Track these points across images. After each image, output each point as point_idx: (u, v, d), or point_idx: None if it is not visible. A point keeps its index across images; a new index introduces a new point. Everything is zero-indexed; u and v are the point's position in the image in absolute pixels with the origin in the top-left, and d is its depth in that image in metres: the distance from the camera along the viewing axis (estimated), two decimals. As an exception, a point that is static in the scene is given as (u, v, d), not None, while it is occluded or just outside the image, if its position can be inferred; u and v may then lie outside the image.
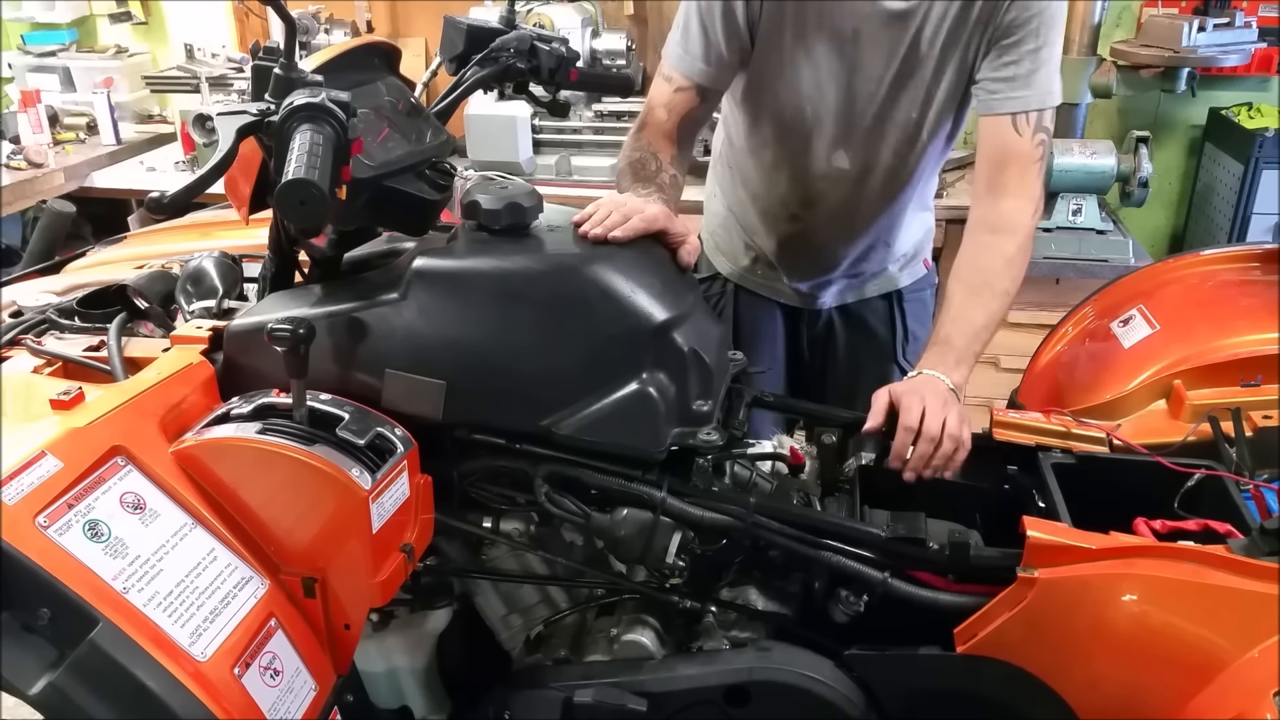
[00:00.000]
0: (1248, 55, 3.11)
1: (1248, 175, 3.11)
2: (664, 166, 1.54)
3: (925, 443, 1.29)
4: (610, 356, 1.20)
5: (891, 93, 1.57)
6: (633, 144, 1.59)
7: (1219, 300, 1.63)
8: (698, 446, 1.23)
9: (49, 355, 1.26)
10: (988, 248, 1.49)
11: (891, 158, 1.65)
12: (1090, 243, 2.84)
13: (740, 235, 1.88)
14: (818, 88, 1.58)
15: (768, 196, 1.78)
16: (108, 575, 0.94)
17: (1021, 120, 1.49)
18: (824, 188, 1.70)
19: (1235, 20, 3.08)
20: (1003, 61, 1.49)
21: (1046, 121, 1.51)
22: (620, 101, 3.22)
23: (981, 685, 1.20)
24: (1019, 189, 1.50)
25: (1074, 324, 1.73)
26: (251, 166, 1.18)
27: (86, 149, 3.43)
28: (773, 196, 1.77)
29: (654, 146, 1.57)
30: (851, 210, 1.72)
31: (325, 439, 1.08)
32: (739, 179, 1.83)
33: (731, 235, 1.90)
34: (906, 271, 1.90)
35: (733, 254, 1.92)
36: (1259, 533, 1.11)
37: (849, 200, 1.70)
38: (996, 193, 1.51)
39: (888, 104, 1.58)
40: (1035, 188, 1.51)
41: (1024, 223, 1.49)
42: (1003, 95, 1.50)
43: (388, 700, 1.41)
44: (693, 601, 1.29)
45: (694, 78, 1.59)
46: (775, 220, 1.80)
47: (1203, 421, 1.37)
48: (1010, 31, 1.48)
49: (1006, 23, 1.48)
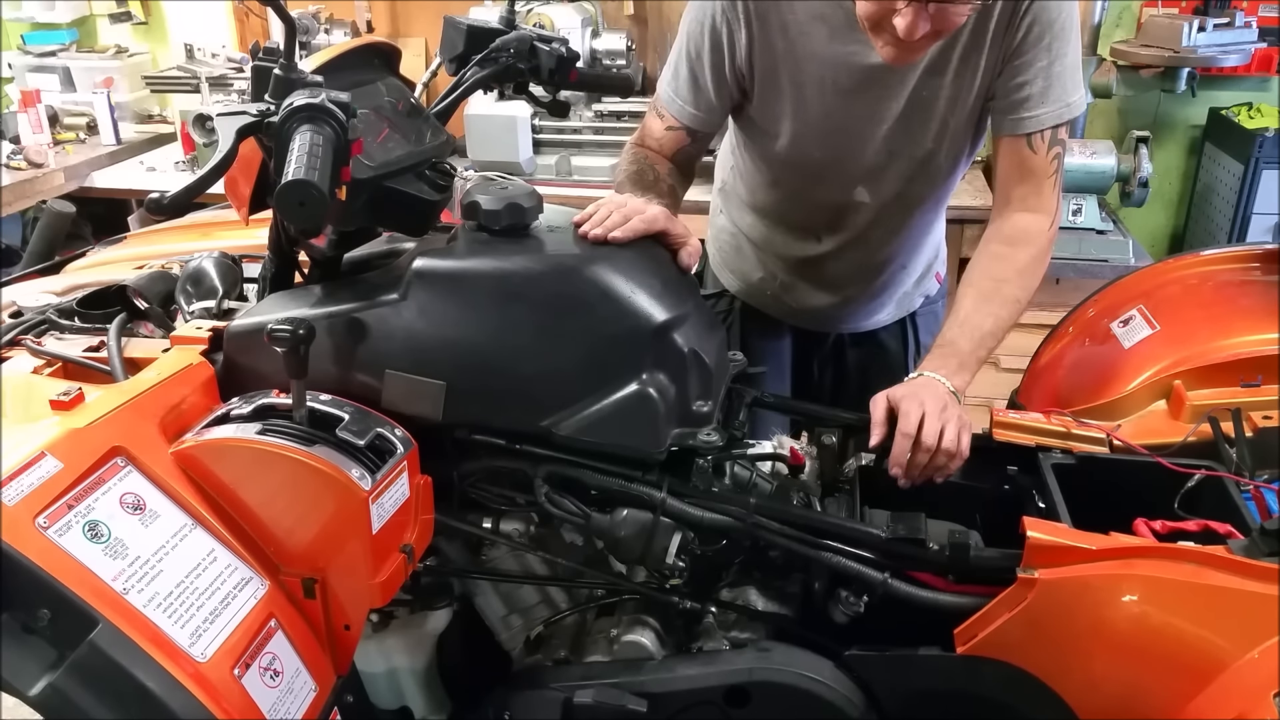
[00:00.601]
0: (1248, 55, 3.11)
1: (1248, 175, 3.11)
2: (662, 176, 1.53)
3: (921, 452, 1.28)
4: (610, 357, 1.20)
5: (903, 129, 1.52)
6: (630, 155, 1.58)
7: (1219, 300, 1.63)
8: (698, 447, 1.23)
9: (49, 356, 1.26)
10: (1001, 258, 1.47)
11: (909, 188, 1.61)
12: (1090, 243, 2.84)
13: (752, 253, 1.83)
14: (823, 135, 1.54)
15: (779, 223, 1.75)
16: (108, 576, 0.94)
17: (1037, 139, 1.46)
18: (845, 215, 1.66)
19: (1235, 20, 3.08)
20: (1016, 83, 1.45)
21: (1062, 134, 1.48)
22: (620, 101, 3.22)
23: (981, 686, 1.20)
24: (1035, 203, 1.48)
25: (1074, 324, 1.73)
26: (251, 167, 1.18)
27: (86, 149, 3.43)
28: (785, 223, 1.74)
29: (651, 159, 1.57)
30: (871, 235, 1.68)
31: (325, 439, 1.08)
32: (748, 202, 1.78)
33: (740, 252, 1.85)
34: (919, 290, 1.87)
35: (742, 272, 1.87)
36: (1259, 533, 1.11)
37: (870, 227, 1.66)
38: (1013, 207, 1.50)
39: (900, 141, 1.54)
40: (1051, 201, 1.49)
41: (1039, 235, 1.48)
42: (1017, 116, 1.46)
43: (388, 701, 1.41)
44: (693, 602, 1.29)
45: (684, 120, 1.58)
46: (789, 244, 1.76)
47: (1203, 422, 1.37)
48: (1021, 51, 1.43)
49: (1018, 43, 1.43)
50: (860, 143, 1.55)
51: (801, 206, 1.69)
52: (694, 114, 1.57)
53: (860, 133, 1.54)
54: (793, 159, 1.60)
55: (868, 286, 1.79)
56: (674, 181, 1.56)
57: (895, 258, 1.75)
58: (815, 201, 1.66)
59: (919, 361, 1.63)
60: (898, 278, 1.80)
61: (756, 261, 1.83)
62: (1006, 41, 1.43)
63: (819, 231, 1.71)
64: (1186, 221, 3.55)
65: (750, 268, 1.85)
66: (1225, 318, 1.55)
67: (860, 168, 1.58)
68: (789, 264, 1.78)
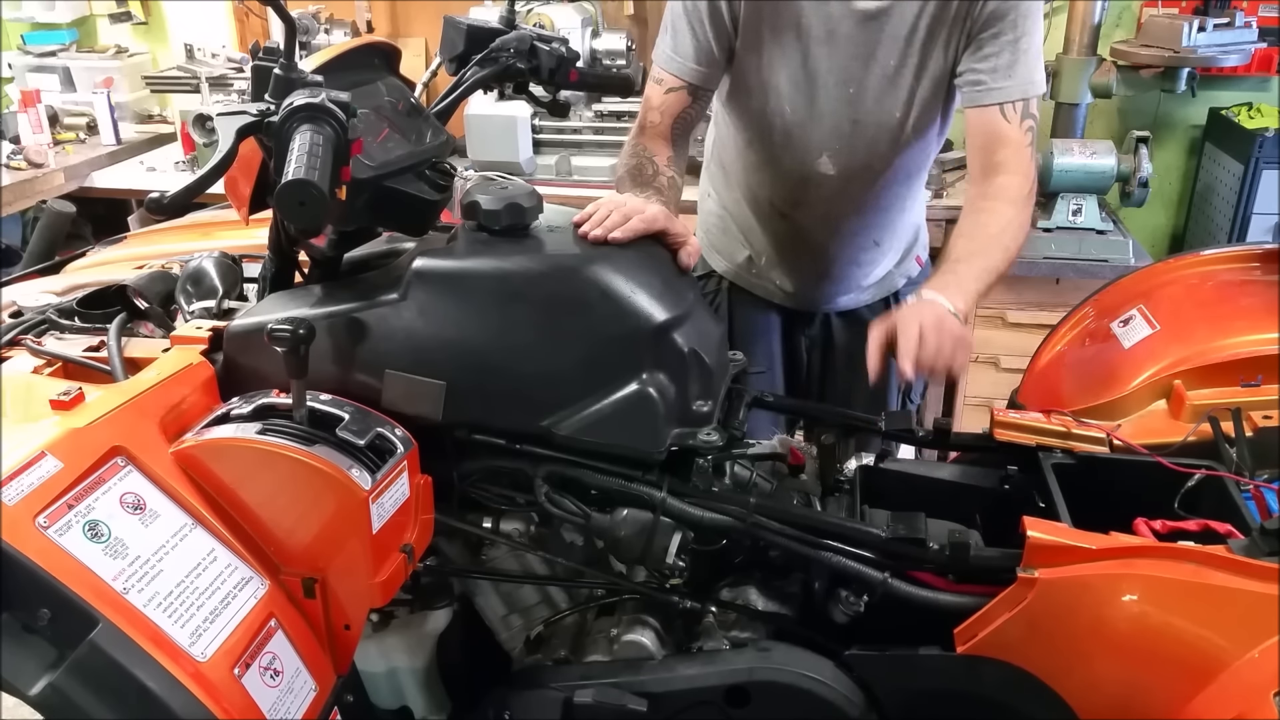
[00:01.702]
0: (1248, 55, 3.10)
1: (1248, 175, 3.11)
2: (660, 170, 1.55)
3: (928, 349, 1.28)
4: (610, 357, 1.20)
5: (871, 94, 1.58)
6: (630, 150, 1.61)
7: (1219, 300, 1.63)
8: (698, 447, 1.22)
9: (49, 355, 1.26)
10: (985, 212, 1.51)
11: (876, 158, 1.65)
12: (1090, 243, 2.84)
13: (735, 233, 1.89)
14: (794, 88, 1.60)
15: (757, 196, 1.79)
16: (108, 575, 0.94)
17: (1009, 109, 1.52)
18: (810, 188, 1.70)
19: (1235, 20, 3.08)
20: (983, 54, 1.52)
21: (1033, 109, 1.54)
22: (620, 101, 3.21)
23: (981, 685, 1.20)
24: (1014, 166, 1.52)
25: (1074, 324, 1.73)
26: (251, 167, 1.18)
27: (86, 149, 3.43)
28: (761, 196, 1.78)
29: (650, 150, 1.59)
30: (840, 210, 1.73)
31: (325, 439, 1.08)
32: (730, 177, 1.83)
33: (727, 233, 1.90)
34: (900, 271, 1.90)
35: (728, 252, 1.92)
36: (1259, 533, 1.11)
37: (836, 200, 1.71)
38: (990, 173, 1.53)
39: (867, 105, 1.59)
40: (1029, 166, 1.54)
41: (1020, 195, 1.51)
42: (986, 87, 1.52)
43: (388, 700, 1.41)
44: (693, 602, 1.29)
45: (684, 77, 1.61)
46: (766, 219, 1.81)
47: (1203, 422, 1.37)
48: (988, 24, 1.51)
49: (985, 16, 1.51)
50: (825, 101, 1.59)
51: (771, 177, 1.73)
52: (694, 68, 1.61)
53: (826, 88, 1.59)
54: (764, 117, 1.64)
55: (844, 263, 1.82)
56: (673, 172, 1.58)
57: (867, 232, 1.78)
58: (783, 169, 1.70)
59: None
60: (872, 255, 1.83)
61: (741, 240, 1.88)
62: (973, 15, 1.51)
63: (789, 204, 1.74)
64: (1186, 221, 3.55)
65: (735, 247, 1.90)
66: (1225, 318, 1.55)
67: (825, 130, 1.62)
68: (767, 241, 1.83)
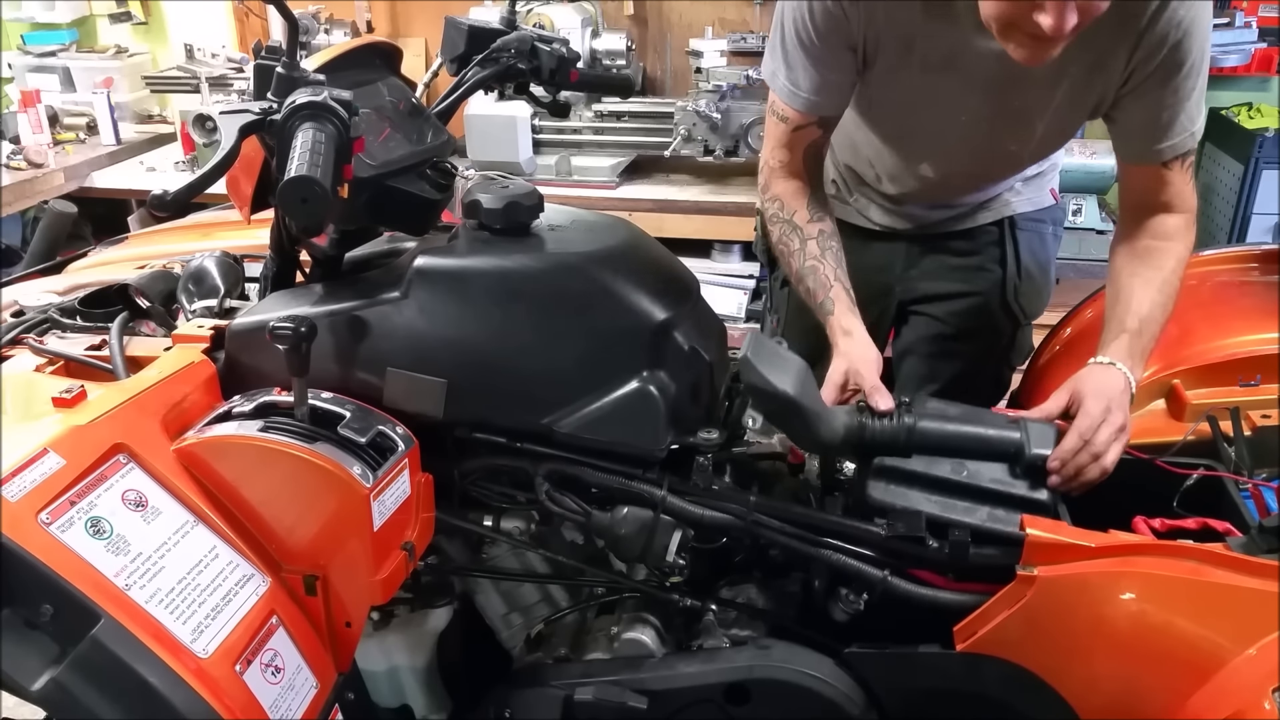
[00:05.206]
0: (1248, 55, 3.11)
1: (1248, 175, 3.11)
2: (808, 233, 1.46)
3: (1086, 455, 1.22)
4: (611, 355, 1.20)
5: (988, 128, 1.46)
6: (769, 213, 1.51)
7: (1219, 300, 1.63)
8: (698, 445, 1.23)
9: (51, 354, 1.26)
10: (1159, 251, 1.40)
11: (991, 174, 1.60)
12: (1090, 243, 2.85)
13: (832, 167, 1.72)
14: (911, 113, 1.49)
15: (858, 160, 1.69)
16: (110, 572, 0.94)
17: (1176, 164, 1.39)
18: (924, 183, 1.61)
19: (1235, 20, 3.09)
20: (1145, 104, 1.34)
21: (1193, 154, 1.41)
22: (620, 102, 3.22)
23: (981, 683, 1.20)
24: (1179, 205, 1.41)
25: (1074, 324, 1.73)
26: (253, 166, 1.18)
27: (86, 149, 3.44)
28: (872, 169, 1.68)
29: (789, 208, 1.48)
30: (944, 194, 1.65)
31: (327, 437, 1.09)
32: None
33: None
34: (1025, 197, 1.73)
35: None
36: (1257, 531, 1.11)
37: (940, 188, 1.63)
38: (1152, 210, 1.42)
39: (985, 138, 1.48)
40: (1192, 200, 1.42)
41: (1186, 230, 1.41)
42: (1152, 149, 1.37)
43: (388, 699, 1.42)
44: (693, 600, 1.29)
45: (813, 113, 1.47)
46: (871, 180, 1.70)
47: (1202, 421, 1.38)
48: (1157, 73, 1.31)
49: (1155, 66, 1.30)
50: (940, 130, 1.49)
51: (885, 159, 1.63)
52: (820, 101, 1.45)
53: (942, 118, 1.46)
54: (880, 128, 1.56)
55: (956, 202, 1.69)
56: (815, 219, 1.47)
57: (979, 192, 1.68)
58: (897, 165, 1.61)
59: (1022, 291, 1.67)
60: (989, 191, 1.69)
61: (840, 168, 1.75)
62: (1133, 69, 1.32)
63: (902, 183, 1.65)
64: (1186, 222, 3.55)
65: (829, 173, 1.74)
66: (1224, 318, 1.55)
67: (942, 153, 1.54)
68: (872, 183, 1.71)
